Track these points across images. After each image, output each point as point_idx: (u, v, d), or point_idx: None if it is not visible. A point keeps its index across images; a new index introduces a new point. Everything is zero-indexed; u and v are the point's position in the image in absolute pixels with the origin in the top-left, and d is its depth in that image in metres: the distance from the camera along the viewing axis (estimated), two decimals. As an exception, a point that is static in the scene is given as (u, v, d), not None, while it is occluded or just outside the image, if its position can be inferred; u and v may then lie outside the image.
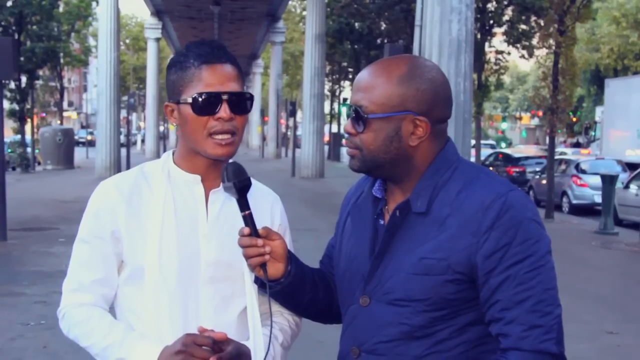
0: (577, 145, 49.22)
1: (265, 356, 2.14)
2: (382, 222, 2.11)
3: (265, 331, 2.21)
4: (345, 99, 48.81)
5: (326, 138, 45.29)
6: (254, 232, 2.08)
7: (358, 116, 2.03)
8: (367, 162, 2.05)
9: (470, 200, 1.96)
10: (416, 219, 2.01)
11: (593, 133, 39.43)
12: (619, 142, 28.67)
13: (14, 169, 33.82)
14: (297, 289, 2.20)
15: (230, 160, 2.21)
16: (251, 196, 2.15)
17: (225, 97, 2.14)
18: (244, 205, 2.09)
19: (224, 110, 2.14)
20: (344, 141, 2.11)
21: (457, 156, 2.09)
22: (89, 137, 54.80)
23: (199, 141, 2.17)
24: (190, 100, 2.15)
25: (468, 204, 1.96)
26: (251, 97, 2.22)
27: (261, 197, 2.35)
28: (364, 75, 2.07)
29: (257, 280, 2.19)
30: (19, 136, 34.89)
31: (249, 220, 2.09)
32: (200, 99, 2.14)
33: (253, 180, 2.30)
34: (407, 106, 2.00)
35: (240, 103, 2.18)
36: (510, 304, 1.91)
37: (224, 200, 2.23)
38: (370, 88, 2.03)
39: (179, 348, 2.02)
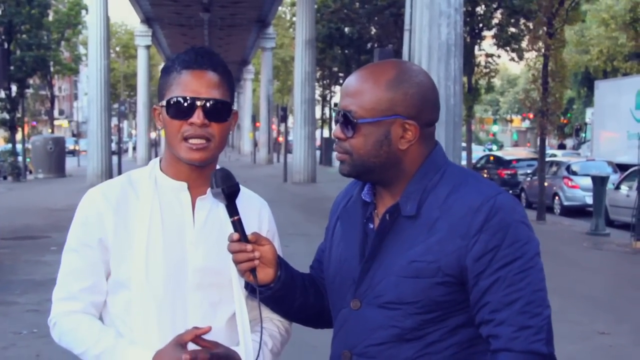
0: (561, 147, 49.33)
1: None
2: (371, 226, 2.12)
3: (255, 337, 2.22)
4: (336, 104, 48.86)
5: (318, 143, 45.31)
6: (243, 238, 2.09)
7: (347, 121, 2.04)
8: (357, 167, 2.06)
9: (459, 203, 1.97)
10: (406, 222, 2.02)
11: (583, 135, 39.42)
12: (609, 144, 28.71)
13: (5, 178, 33.79)
14: (287, 293, 2.21)
15: (219, 167, 2.22)
16: (239, 202, 2.16)
17: (199, 103, 2.14)
18: (232, 210, 2.10)
19: (197, 116, 2.14)
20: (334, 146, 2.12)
21: (446, 159, 2.11)
22: (73, 147, 54.38)
23: (174, 145, 2.19)
24: (165, 103, 2.18)
25: (457, 207, 1.97)
26: (229, 105, 2.21)
27: (249, 203, 2.34)
28: (352, 80, 2.08)
29: (247, 286, 2.20)
30: (9, 145, 34.86)
31: (238, 225, 2.09)
32: (174, 103, 2.16)
33: (241, 187, 2.31)
34: (396, 110, 2.02)
35: (217, 110, 2.17)
36: (500, 306, 1.92)
37: (210, 207, 2.24)
38: (359, 93, 2.04)
39: (184, 357, 2.02)
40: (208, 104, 2.15)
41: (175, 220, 2.22)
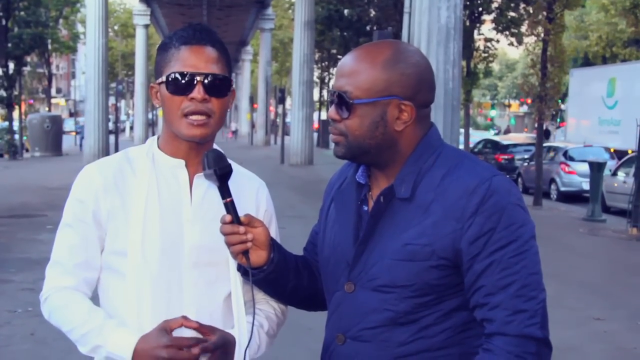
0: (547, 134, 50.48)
1: (247, 346, 2.13)
2: (365, 208, 2.10)
3: (250, 319, 2.20)
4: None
5: (315, 125, 45.26)
6: (236, 220, 2.06)
7: (342, 102, 2.02)
8: (353, 148, 2.04)
9: (454, 185, 1.95)
10: (400, 204, 2.00)
11: (559, 120, 40.52)
12: (582, 129, 29.82)
13: (1, 155, 33.81)
14: (280, 276, 2.19)
15: (215, 147, 2.21)
16: (236, 182, 2.14)
17: (199, 78, 2.12)
18: (225, 192, 2.08)
19: (197, 91, 2.12)
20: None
21: (441, 141, 2.08)
22: None
23: (174, 122, 2.16)
24: (164, 79, 2.15)
25: (452, 189, 1.95)
26: (228, 80, 2.19)
27: (247, 183, 2.33)
28: (348, 60, 2.05)
29: (240, 268, 2.17)
30: (6, 123, 34.80)
31: (230, 207, 2.07)
32: (173, 79, 2.13)
33: (239, 167, 2.30)
34: (392, 91, 1.99)
35: (217, 85, 2.15)
36: (495, 289, 1.90)
37: (208, 185, 2.21)
38: (355, 73, 2.01)
39: (165, 342, 2.03)
40: (208, 79, 2.13)
41: (172, 197, 2.20)
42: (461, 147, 25.22)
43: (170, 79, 2.14)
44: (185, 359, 2.02)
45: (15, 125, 34.91)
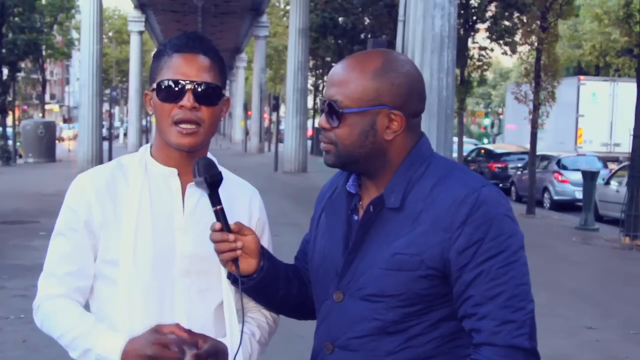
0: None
1: (236, 354, 2.12)
2: (356, 217, 2.11)
3: (241, 327, 2.20)
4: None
5: (309, 133, 45.26)
6: (226, 227, 2.07)
7: (332, 111, 2.03)
8: (342, 157, 2.05)
9: (444, 195, 1.96)
10: (390, 214, 2.01)
11: (498, 124, 45.34)
12: (516, 135, 33.12)
13: (-6, 161, 33.62)
14: (270, 284, 2.19)
15: (209, 155, 2.21)
16: (229, 191, 2.15)
17: (189, 86, 2.12)
18: (215, 200, 2.08)
19: (187, 99, 2.12)
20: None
21: (431, 151, 2.09)
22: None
23: (164, 129, 2.17)
24: (155, 86, 2.16)
25: (441, 199, 1.96)
26: (219, 89, 2.19)
27: (240, 191, 2.34)
28: (338, 69, 2.06)
29: (230, 276, 2.17)
30: (0, 129, 34.69)
31: (220, 215, 2.07)
32: (163, 86, 2.14)
33: (232, 175, 2.30)
34: (382, 100, 2.00)
35: (207, 94, 2.15)
36: (483, 300, 1.91)
37: (201, 194, 2.21)
38: (345, 82, 2.02)
39: (152, 340, 2.03)
40: (198, 87, 2.13)
41: (164, 206, 2.20)
42: (454, 155, 25.36)
43: (160, 86, 2.15)
44: (170, 357, 2.01)
45: (9, 131, 34.83)
